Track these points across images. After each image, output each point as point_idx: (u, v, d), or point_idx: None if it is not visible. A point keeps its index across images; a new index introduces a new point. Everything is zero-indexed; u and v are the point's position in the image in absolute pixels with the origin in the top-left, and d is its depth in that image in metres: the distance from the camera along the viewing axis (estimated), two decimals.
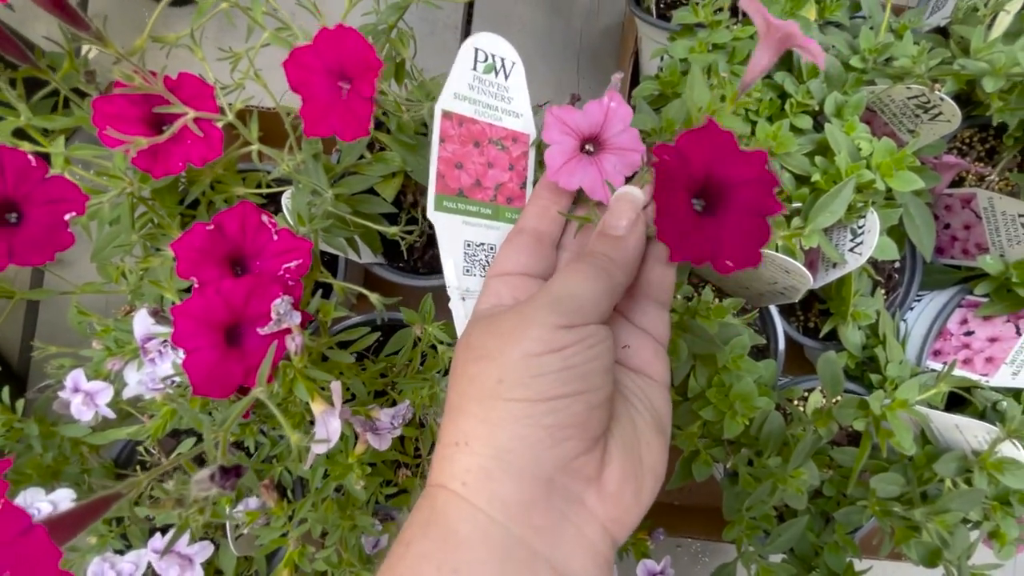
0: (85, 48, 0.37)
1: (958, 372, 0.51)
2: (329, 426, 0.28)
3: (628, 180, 0.28)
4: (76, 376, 0.38)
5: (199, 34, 0.35)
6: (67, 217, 0.28)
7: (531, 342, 0.22)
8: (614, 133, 0.26)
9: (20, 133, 0.37)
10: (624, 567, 0.49)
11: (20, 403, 0.43)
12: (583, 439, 0.22)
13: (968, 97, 0.52)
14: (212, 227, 0.30)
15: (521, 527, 0.21)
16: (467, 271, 0.30)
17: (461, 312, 0.29)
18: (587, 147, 0.27)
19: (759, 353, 0.54)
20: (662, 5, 0.59)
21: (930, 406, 0.46)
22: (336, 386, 0.29)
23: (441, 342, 0.40)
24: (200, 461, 0.28)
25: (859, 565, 0.46)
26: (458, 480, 0.21)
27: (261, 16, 0.36)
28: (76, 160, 0.39)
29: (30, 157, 0.27)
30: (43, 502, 0.39)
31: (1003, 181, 0.57)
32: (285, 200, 0.41)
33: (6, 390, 0.42)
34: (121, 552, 0.41)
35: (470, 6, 0.75)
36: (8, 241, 0.27)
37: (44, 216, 0.27)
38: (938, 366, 0.52)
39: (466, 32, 0.74)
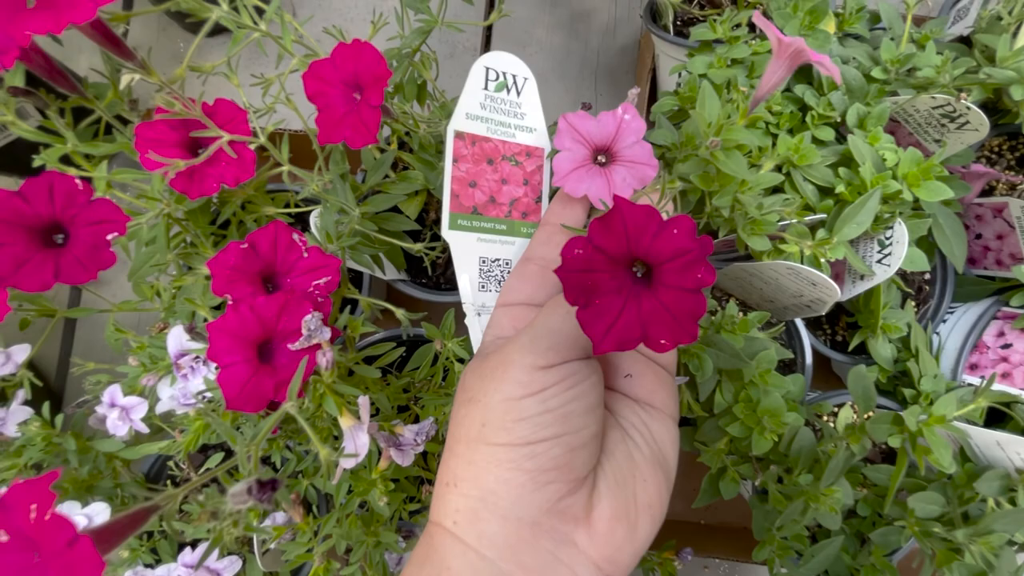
0: (127, 78, 0.39)
1: (997, 387, 0.49)
2: (357, 440, 0.28)
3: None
4: (113, 392, 0.40)
5: (234, 62, 0.36)
6: (109, 237, 0.29)
7: (510, 385, 0.22)
8: (626, 145, 0.26)
9: (64, 159, 0.39)
10: None
11: (59, 418, 0.44)
12: (566, 482, 0.22)
13: (995, 106, 0.51)
14: (246, 245, 0.31)
15: (510, 565, 0.21)
16: (482, 287, 0.30)
17: (477, 327, 0.30)
18: (599, 158, 0.27)
19: (786, 368, 0.53)
20: (679, 23, 0.59)
21: (969, 422, 0.44)
22: (364, 401, 0.29)
23: (460, 360, 0.41)
24: (231, 476, 0.28)
25: None
26: (450, 519, 0.22)
27: (290, 43, 0.38)
28: (117, 184, 0.40)
29: (77, 181, 0.28)
30: (79, 515, 0.40)
31: None
32: (313, 219, 0.42)
33: (46, 406, 0.44)
34: (151, 566, 0.42)
35: (488, 29, 0.76)
36: (56, 261, 0.28)
37: (89, 236, 0.29)
38: (975, 380, 0.51)
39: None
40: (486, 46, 0.76)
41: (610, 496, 0.22)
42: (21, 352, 0.41)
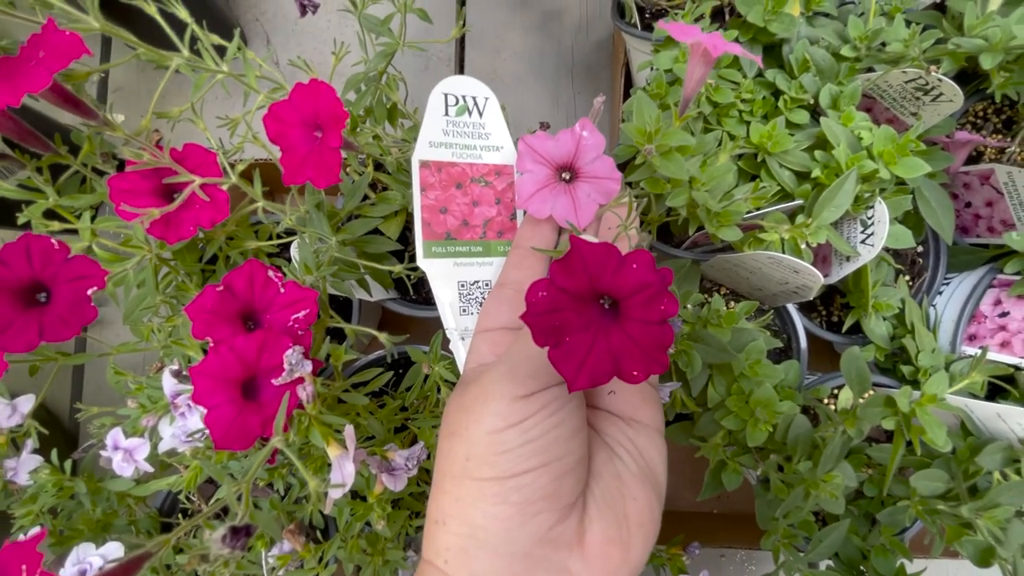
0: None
1: (996, 356, 0.48)
2: (344, 470, 0.29)
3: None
4: (115, 435, 0.41)
5: (200, 105, 0.37)
6: (89, 292, 0.30)
7: (491, 417, 0.22)
8: (587, 161, 0.26)
9: (51, 213, 0.40)
10: None
11: (68, 463, 0.45)
12: (554, 510, 0.22)
13: (974, 71, 0.50)
14: (222, 288, 0.31)
15: None
16: (464, 311, 0.31)
17: (462, 352, 0.30)
18: (563, 174, 0.27)
19: (781, 354, 0.53)
20: (648, 16, 0.59)
21: (971, 395, 0.44)
22: (350, 430, 0.30)
23: (447, 381, 0.41)
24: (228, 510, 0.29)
25: (913, 566, 0.44)
26: (440, 558, 0.22)
27: (255, 81, 0.38)
28: (105, 232, 0.41)
29: (52, 240, 0.29)
30: (94, 556, 0.41)
31: None
32: (293, 250, 0.43)
33: (54, 453, 0.45)
34: None
35: (461, 38, 0.76)
36: (39, 320, 0.29)
37: (69, 293, 0.29)
38: (974, 351, 0.50)
39: (460, 64, 0.76)
40: (460, 55, 0.77)
41: (601, 518, 0.23)
42: (26, 403, 0.43)
